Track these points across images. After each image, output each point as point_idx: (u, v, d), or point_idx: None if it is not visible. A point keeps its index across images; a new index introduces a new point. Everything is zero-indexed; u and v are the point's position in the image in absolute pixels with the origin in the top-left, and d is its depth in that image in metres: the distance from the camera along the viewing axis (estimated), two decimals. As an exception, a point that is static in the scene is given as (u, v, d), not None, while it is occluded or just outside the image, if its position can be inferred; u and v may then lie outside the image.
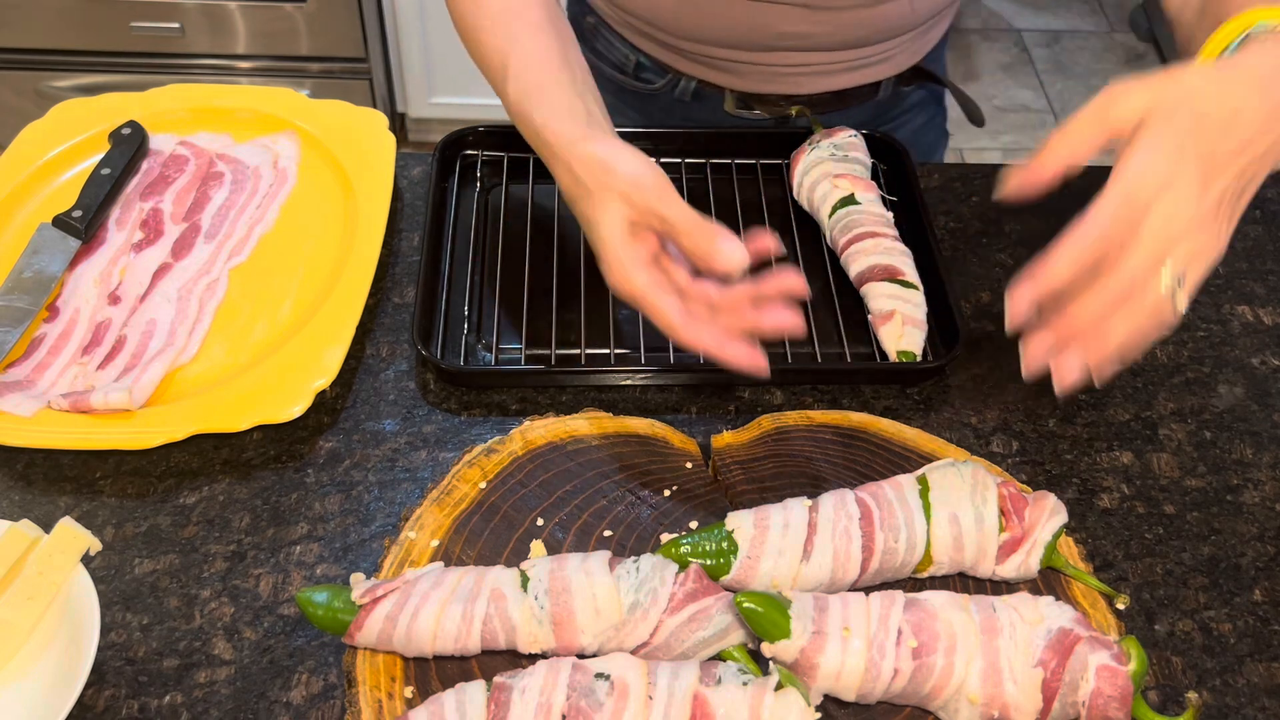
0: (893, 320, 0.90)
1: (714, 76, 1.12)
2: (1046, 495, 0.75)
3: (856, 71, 1.11)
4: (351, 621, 0.68)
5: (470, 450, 0.82)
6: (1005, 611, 0.68)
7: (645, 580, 0.68)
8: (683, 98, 1.14)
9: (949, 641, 0.67)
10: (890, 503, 0.73)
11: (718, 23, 1.05)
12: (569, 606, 0.68)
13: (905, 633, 0.67)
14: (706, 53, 1.09)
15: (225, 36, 2.38)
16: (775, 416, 0.86)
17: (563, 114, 0.80)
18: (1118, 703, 0.65)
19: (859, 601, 0.68)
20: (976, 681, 0.66)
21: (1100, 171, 1.13)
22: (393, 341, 0.93)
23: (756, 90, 1.12)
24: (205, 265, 0.96)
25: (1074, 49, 3.16)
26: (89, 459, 0.84)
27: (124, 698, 0.71)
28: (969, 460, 0.77)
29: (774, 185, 1.06)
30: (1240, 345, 0.95)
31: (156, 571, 0.77)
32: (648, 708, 0.63)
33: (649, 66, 1.14)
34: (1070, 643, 0.66)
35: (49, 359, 0.88)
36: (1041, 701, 0.66)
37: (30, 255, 0.94)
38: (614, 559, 0.70)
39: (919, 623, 0.67)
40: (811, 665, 0.66)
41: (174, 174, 1.03)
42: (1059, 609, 0.69)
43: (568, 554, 0.71)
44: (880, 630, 0.67)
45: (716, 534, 0.73)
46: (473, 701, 0.64)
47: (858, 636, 0.66)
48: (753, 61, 1.09)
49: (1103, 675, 0.65)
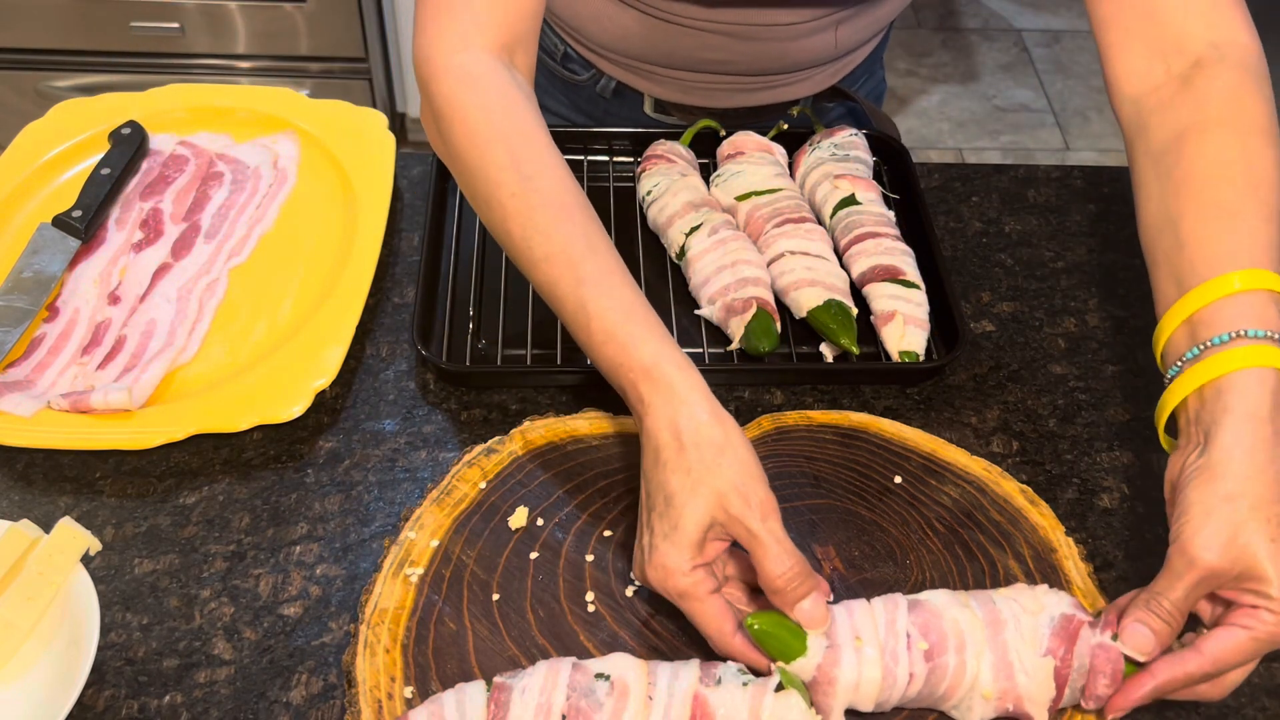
0: (894, 320, 0.90)
1: (634, 81, 1.11)
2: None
3: (776, 90, 1.11)
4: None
5: (470, 450, 0.82)
6: (1006, 604, 0.68)
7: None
8: (604, 93, 1.14)
9: (958, 640, 0.66)
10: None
11: (637, 40, 1.04)
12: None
13: (914, 636, 0.66)
14: (626, 61, 1.09)
15: (225, 36, 2.38)
16: (775, 416, 0.86)
17: (672, 360, 0.70)
18: (1108, 679, 0.66)
19: (864, 609, 0.68)
20: (989, 676, 0.66)
21: (1096, 171, 1.13)
22: (393, 341, 0.93)
23: (673, 100, 1.12)
24: (205, 265, 0.96)
25: (1074, 49, 3.16)
26: (89, 459, 0.84)
27: (124, 698, 0.71)
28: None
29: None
30: (1240, 345, 0.95)
31: (156, 571, 0.77)
32: (648, 708, 0.63)
33: (575, 59, 1.13)
34: (1075, 628, 0.66)
35: (49, 359, 0.88)
36: (1054, 690, 0.66)
37: (30, 255, 0.94)
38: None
39: (925, 624, 0.67)
40: (830, 680, 0.65)
41: (174, 174, 1.03)
42: (1057, 596, 0.68)
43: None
44: (890, 636, 0.66)
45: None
46: (473, 701, 0.64)
47: (870, 645, 0.66)
48: (673, 76, 1.08)
49: (1098, 655, 0.66)
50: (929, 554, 0.77)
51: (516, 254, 0.76)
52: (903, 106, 2.91)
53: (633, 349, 0.70)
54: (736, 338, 0.90)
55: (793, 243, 0.94)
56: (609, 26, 1.04)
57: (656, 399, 0.69)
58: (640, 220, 1.02)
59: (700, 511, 0.66)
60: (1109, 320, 0.97)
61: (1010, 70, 3.07)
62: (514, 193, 0.75)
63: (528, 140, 0.77)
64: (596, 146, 1.08)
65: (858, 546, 0.78)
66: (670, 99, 1.12)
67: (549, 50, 1.14)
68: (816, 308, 0.90)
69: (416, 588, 0.74)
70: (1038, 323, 0.96)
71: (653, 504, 0.69)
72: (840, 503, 0.80)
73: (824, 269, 0.93)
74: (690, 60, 1.05)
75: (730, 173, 1.02)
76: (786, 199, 0.98)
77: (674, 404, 0.68)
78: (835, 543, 0.78)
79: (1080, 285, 1.00)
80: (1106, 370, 0.93)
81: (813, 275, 0.92)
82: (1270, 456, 0.65)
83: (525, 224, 0.75)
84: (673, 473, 0.67)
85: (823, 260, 0.94)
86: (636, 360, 0.70)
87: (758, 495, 0.66)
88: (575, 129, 1.09)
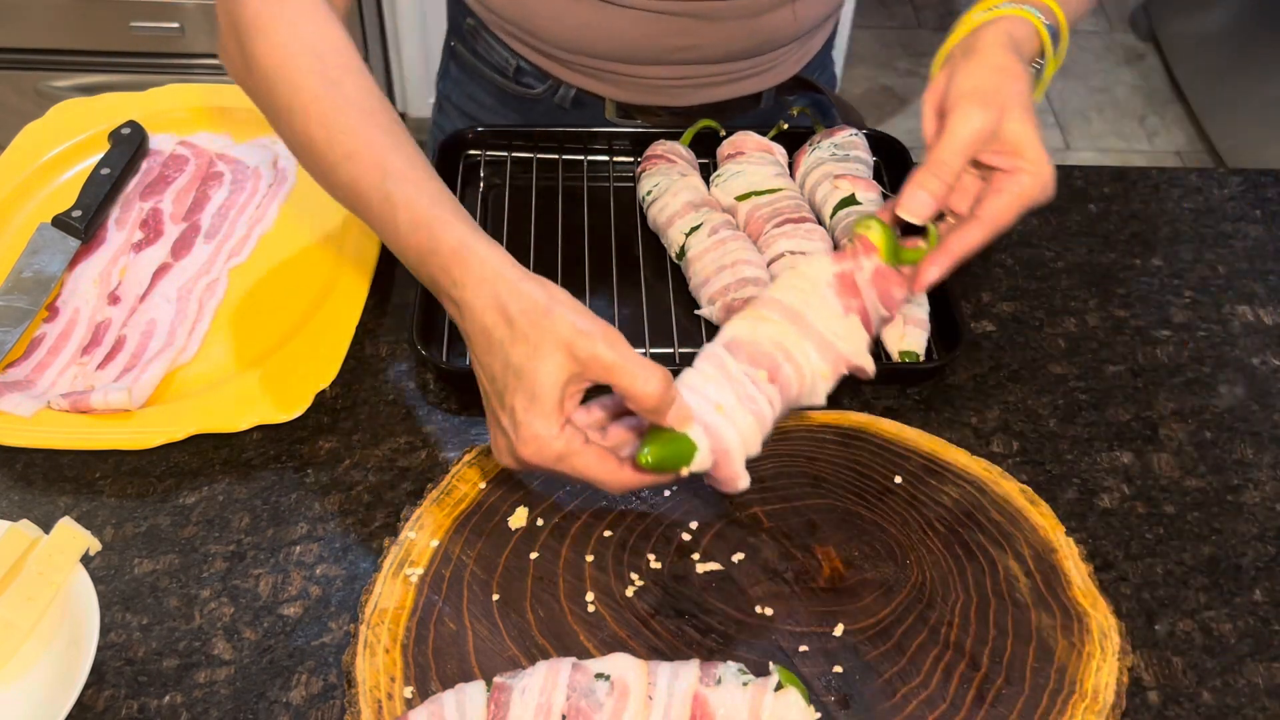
0: (894, 320, 0.90)
1: (594, 86, 1.10)
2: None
3: (739, 83, 1.10)
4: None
5: (470, 450, 0.82)
6: (790, 294, 0.75)
7: None
8: (563, 104, 1.12)
9: (782, 351, 0.74)
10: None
11: (599, 34, 1.03)
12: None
13: (750, 370, 0.73)
14: (586, 63, 1.07)
15: (225, 36, 2.38)
16: (775, 416, 0.86)
17: (481, 239, 0.71)
18: (898, 286, 0.76)
19: (699, 378, 0.73)
20: (818, 359, 0.75)
21: (1096, 171, 1.13)
22: (393, 341, 0.93)
23: (636, 101, 1.11)
24: (205, 265, 0.96)
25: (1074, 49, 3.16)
26: (89, 459, 0.83)
27: (124, 698, 0.71)
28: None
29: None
30: (1241, 345, 0.95)
31: (156, 571, 0.77)
32: (648, 708, 0.63)
33: (529, 72, 1.12)
34: (850, 278, 0.75)
35: (49, 359, 0.88)
36: (866, 334, 0.76)
37: (30, 255, 0.94)
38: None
39: (750, 356, 0.73)
40: (724, 451, 0.71)
41: (174, 174, 1.03)
42: (816, 263, 0.76)
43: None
44: (734, 384, 0.73)
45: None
46: (473, 701, 0.64)
47: (729, 404, 0.72)
48: (634, 75, 1.07)
49: (877, 282, 0.75)
50: (929, 554, 0.77)
51: (318, 157, 0.75)
52: (903, 106, 2.91)
53: (441, 233, 0.70)
54: None
55: (793, 243, 0.94)
56: (570, 24, 1.03)
57: (471, 278, 0.69)
58: (640, 220, 1.02)
59: (554, 370, 0.67)
60: (1109, 320, 0.97)
61: (1010, 70, 3.07)
62: (318, 95, 0.74)
63: (336, 51, 0.76)
64: (596, 146, 1.08)
65: (858, 546, 0.78)
66: (632, 101, 1.11)
67: (500, 68, 1.13)
68: None
69: (416, 588, 0.74)
70: (1038, 323, 0.96)
71: (500, 386, 0.69)
72: (840, 503, 0.80)
73: None
74: (654, 51, 1.04)
75: (730, 173, 1.02)
76: (786, 199, 0.98)
77: (491, 279, 0.68)
78: (835, 543, 0.78)
79: (1080, 285, 1.00)
80: (1106, 370, 0.93)
81: None
82: (1019, 60, 0.77)
83: (329, 124, 0.74)
84: (511, 347, 0.67)
85: None
86: (446, 244, 0.70)
87: (598, 329, 0.67)
88: (576, 129, 1.09)
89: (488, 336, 0.69)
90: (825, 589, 0.75)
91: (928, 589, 0.75)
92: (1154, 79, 3.06)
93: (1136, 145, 2.84)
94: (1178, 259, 1.03)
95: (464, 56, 1.16)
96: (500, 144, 1.07)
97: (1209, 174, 1.13)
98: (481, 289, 0.69)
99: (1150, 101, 2.99)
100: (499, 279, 0.68)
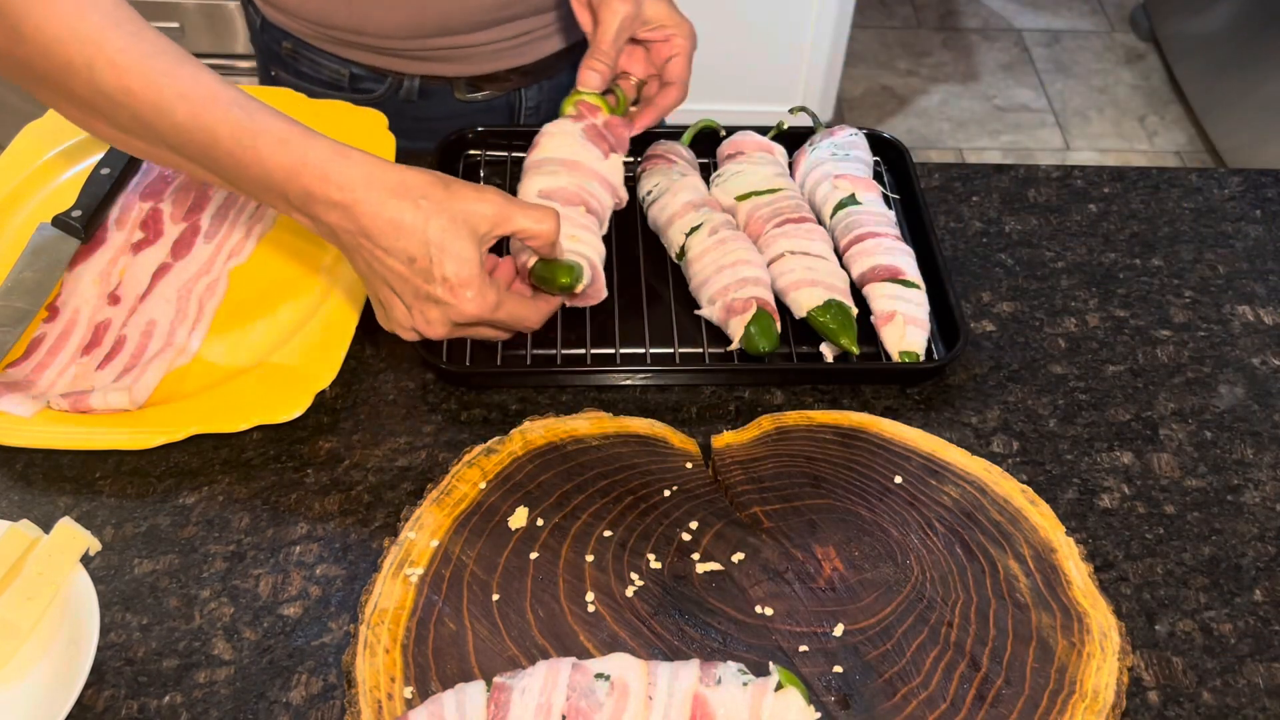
0: (894, 320, 0.90)
1: (437, 69, 1.11)
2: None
3: (575, 28, 1.08)
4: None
5: (470, 450, 0.82)
6: (561, 151, 0.92)
7: None
8: (409, 98, 1.13)
9: (583, 190, 0.92)
10: None
11: (431, 14, 1.05)
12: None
13: (570, 210, 0.90)
14: (424, 47, 1.08)
15: (225, 36, 2.38)
16: (775, 416, 0.86)
17: (346, 145, 0.72)
18: (618, 134, 0.94)
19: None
20: (601, 192, 0.93)
21: (1096, 171, 1.13)
22: (393, 341, 0.93)
23: (484, 71, 1.12)
24: (205, 265, 0.96)
25: (1074, 49, 3.16)
26: (88, 459, 0.84)
27: (124, 698, 0.71)
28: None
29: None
30: (1241, 345, 0.95)
31: (156, 571, 0.77)
32: (648, 708, 0.63)
33: (366, 75, 1.12)
34: (595, 129, 0.94)
35: (48, 359, 0.88)
36: (622, 169, 0.95)
37: (30, 255, 0.94)
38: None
39: (565, 199, 0.90)
40: (594, 264, 0.88)
41: (174, 174, 1.03)
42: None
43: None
44: (569, 222, 0.88)
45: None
46: (473, 701, 0.64)
47: (577, 233, 0.89)
48: (471, 44, 1.09)
49: (607, 126, 0.94)
50: (929, 554, 0.77)
51: (141, 105, 0.71)
52: (903, 106, 2.91)
53: (309, 144, 0.72)
54: (736, 338, 0.90)
55: (793, 243, 0.94)
56: (405, 10, 1.04)
57: (358, 178, 0.72)
58: (640, 220, 1.02)
59: (472, 233, 0.74)
60: (1109, 320, 0.97)
61: (1010, 70, 3.07)
62: (123, 48, 0.70)
63: (121, 9, 0.72)
64: None
65: (858, 546, 0.78)
66: (480, 72, 1.13)
67: (333, 82, 1.13)
68: (816, 308, 0.90)
69: (416, 588, 0.74)
70: (1038, 323, 0.97)
71: (423, 264, 0.73)
72: (840, 503, 0.80)
73: (824, 269, 0.93)
74: (482, 15, 1.06)
75: (730, 173, 1.02)
76: (786, 199, 0.98)
77: (379, 174, 0.72)
78: (835, 543, 0.78)
79: (1080, 285, 1.00)
80: (1106, 370, 0.93)
81: (813, 275, 0.92)
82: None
83: (146, 71, 0.71)
84: (427, 224, 0.72)
85: (823, 260, 0.94)
86: (318, 153, 0.71)
87: (490, 190, 0.75)
88: None
89: (395, 224, 0.72)
90: (825, 589, 0.75)
91: (928, 589, 0.75)
92: (1154, 79, 3.06)
93: (1136, 145, 2.84)
94: (1178, 259, 1.03)
95: (288, 82, 1.16)
96: (500, 144, 1.07)
97: (1209, 174, 1.13)
98: (373, 184, 0.72)
99: (1150, 101, 2.99)
100: (386, 170, 0.73)
